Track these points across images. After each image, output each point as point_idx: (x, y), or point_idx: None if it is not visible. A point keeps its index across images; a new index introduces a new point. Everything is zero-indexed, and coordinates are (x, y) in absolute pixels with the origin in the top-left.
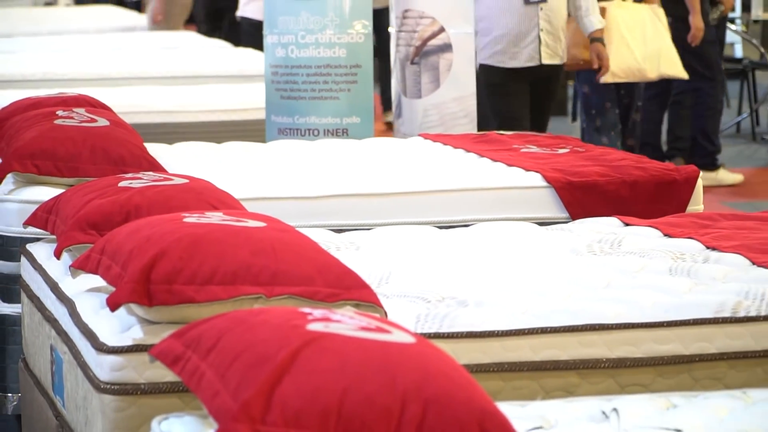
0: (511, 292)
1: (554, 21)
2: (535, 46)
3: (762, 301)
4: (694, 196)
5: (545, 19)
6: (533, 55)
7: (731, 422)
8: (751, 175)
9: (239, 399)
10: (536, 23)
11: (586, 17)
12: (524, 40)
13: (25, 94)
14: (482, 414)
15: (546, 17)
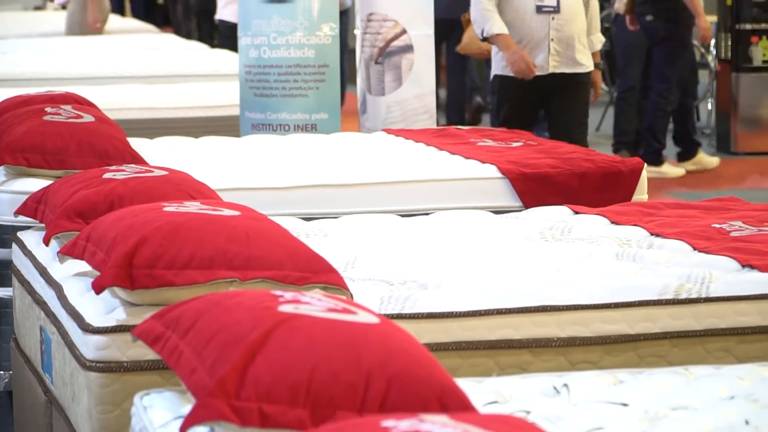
0: (468, 275)
1: (566, 30)
2: (545, 56)
3: (702, 284)
4: (639, 186)
5: (556, 29)
6: (543, 64)
7: (674, 397)
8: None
9: (215, 376)
10: (547, 33)
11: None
12: (536, 50)
13: (15, 92)
14: (442, 390)
15: (557, 26)
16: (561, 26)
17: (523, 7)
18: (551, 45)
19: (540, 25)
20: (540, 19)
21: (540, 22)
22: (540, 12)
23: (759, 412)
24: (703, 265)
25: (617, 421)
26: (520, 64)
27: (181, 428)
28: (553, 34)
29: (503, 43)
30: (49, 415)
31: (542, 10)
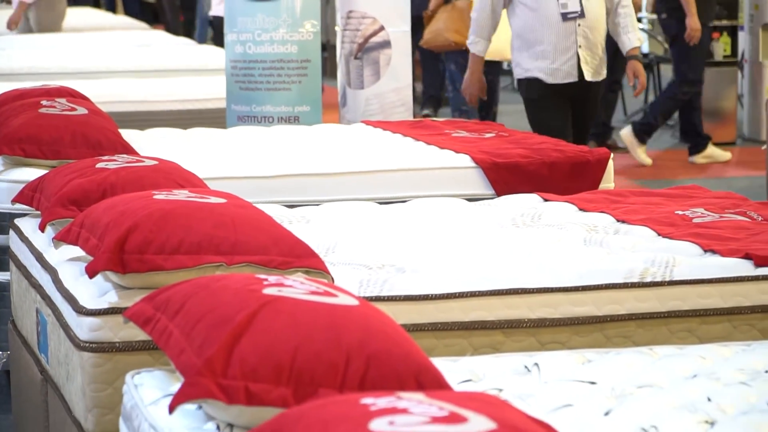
0: (443, 260)
1: (592, 37)
2: (574, 63)
3: (666, 268)
4: (605, 174)
5: (583, 35)
6: (571, 71)
7: (639, 375)
8: (657, 156)
9: (203, 356)
10: (574, 39)
11: (625, 34)
12: (563, 56)
13: (12, 86)
14: (418, 368)
15: (584, 33)
16: (587, 32)
17: (548, 14)
18: (580, 52)
19: (567, 32)
20: (566, 26)
21: (566, 29)
22: (566, 19)
23: (720, 390)
24: (666, 250)
25: (585, 398)
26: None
27: (171, 406)
28: (580, 41)
29: (473, 67)
30: (45, 393)
31: (567, 17)
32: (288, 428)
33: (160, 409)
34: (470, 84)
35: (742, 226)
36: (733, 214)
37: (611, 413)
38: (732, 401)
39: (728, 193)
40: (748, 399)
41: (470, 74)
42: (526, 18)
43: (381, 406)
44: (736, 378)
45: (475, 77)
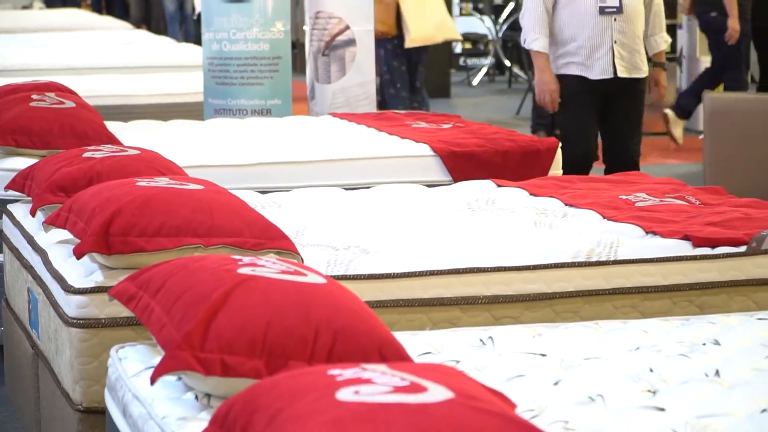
0: (404, 241)
1: (629, 33)
2: (609, 59)
3: (611, 248)
4: (554, 162)
5: (620, 31)
6: (606, 67)
7: (586, 348)
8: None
9: (182, 331)
10: (610, 35)
11: (651, 36)
12: (598, 52)
13: (4, 82)
14: (381, 342)
15: (620, 29)
16: (624, 28)
17: (584, 7)
18: (615, 48)
19: (603, 27)
20: (602, 20)
21: (603, 23)
22: (602, 13)
23: (662, 361)
24: (611, 231)
25: (536, 369)
26: (546, 97)
27: (152, 377)
28: (616, 36)
29: (539, 65)
30: (36, 366)
31: (605, 11)
32: (261, 398)
33: (142, 380)
34: (544, 83)
35: (681, 210)
36: (673, 198)
37: (560, 383)
38: (672, 372)
39: (668, 179)
40: (687, 369)
41: (541, 74)
42: (562, 13)
43: (347, 376)
44: (676, 350)
45: (547, 76)
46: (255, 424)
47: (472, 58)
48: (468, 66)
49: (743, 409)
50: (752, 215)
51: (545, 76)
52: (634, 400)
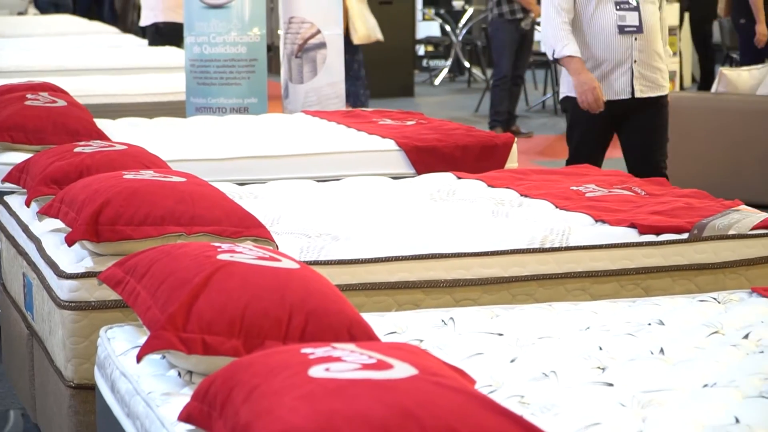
0: (372, 229)
1: (649, 50)
2: (627, 79)
3: (563, 235)
4: (510, 156)
5: (639, 50)
6: (624, 87)
7: (540, 328)
8: (554, 140)
9: (166, 313)
10: (630, 54)
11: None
12: (616, 72)
13: (0, 82)
14: (350, 322)
15: (640, 47)
16: (644, 46)
17: (604, 26)
18: (634, 67)
19: (623, 46)
20: (622, 39)
21: (622, 42)
22: (622, 33)
23: (610, 340)
24: (563, 220)
25: (494, 347)
26: (588, 96)
27: (138, 356)
28: (636, 55)
29: (574, 68)
30: (31, 345)
31: (625, 31)
32: (239, 374)
33: (129, 358)
34: (587, 90)
35: (628, 200)
36: (621, 189)
37: (516, 360)
38: (620, 350)
39: (616, 171)
40: (634, 348)
41: (578, 76)
42: (580, 32)
43: (318, 355)
44: (623, 330)
45: (584, 76)
46: (234, 398)
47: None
48: (430, 67)
49: (686, 384)
50: (694, 205)
51: (583, 76)
52: (584, 376)
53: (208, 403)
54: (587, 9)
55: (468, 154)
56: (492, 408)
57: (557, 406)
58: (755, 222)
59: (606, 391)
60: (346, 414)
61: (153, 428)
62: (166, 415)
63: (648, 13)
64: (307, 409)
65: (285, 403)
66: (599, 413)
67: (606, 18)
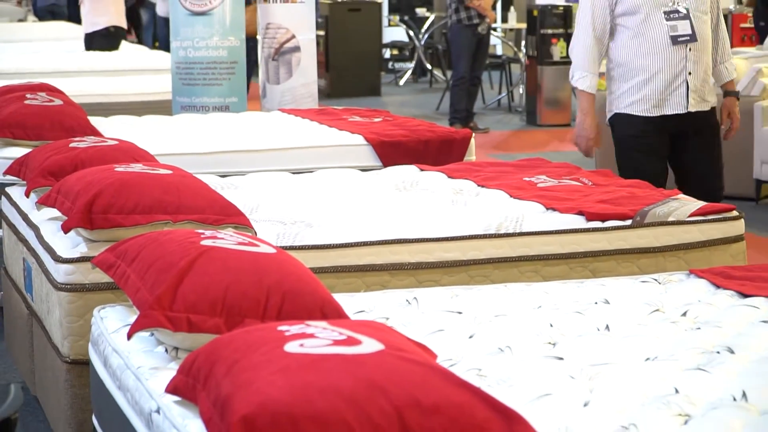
0: (342, 217)
1: (703, 62)
2: (683, 92)
3: (516, 222)
4: (468, 150)
5: (694, 61)
6: (680, 101)
7: (496, 307)
8: (509, 135)
9: (154, 294)
10: (684, 66)
11: (721, 64)
12: (671, 86)
13: (2, 83)
14: (323, 302)
15: (695, 58)
16: (698, 58)
17: (655, 38)
18: (689, 80)
19: (677, 57)
20: (676, 50)
21: (677, 54)
22: (676, 43)
23: (560, 318)
24: (517, 208)
25: (454, 324)
26: (582, 144)
27: (129, 333)
28: (690, 67)
29: (582, 106)
30: (30, 324)
31: (678, 41)
32: (221, 350)
33: (120, 336)
34: (584, 128)
35: (576, 189)
36: (569, 180)
37: (474, 336)
38: (569, 326)
39: (565, 163)
40: (582, 325)
41: (583, 117)
42: (630, 44)
43: (293, 332)
44: (572, 308)
45: (590, 119)
46: (216, 372)
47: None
48: (395, 69)
49: (630, 358)
50: (636, 194)
51: (587, 121)
52: (537, 351)
53: (193, 377)
54: (634, 20)
55: (430, 148)
56: (452, 380)
57: (512, 378)
58: (692, 210)
59: (556, 365)
60: (319, 386)
61: (142, 400)
62: (155, 387)
63: (700, 22)
64: (283, 382)
65: (263, 376)
66: (550, 385)
67: (656, 29)
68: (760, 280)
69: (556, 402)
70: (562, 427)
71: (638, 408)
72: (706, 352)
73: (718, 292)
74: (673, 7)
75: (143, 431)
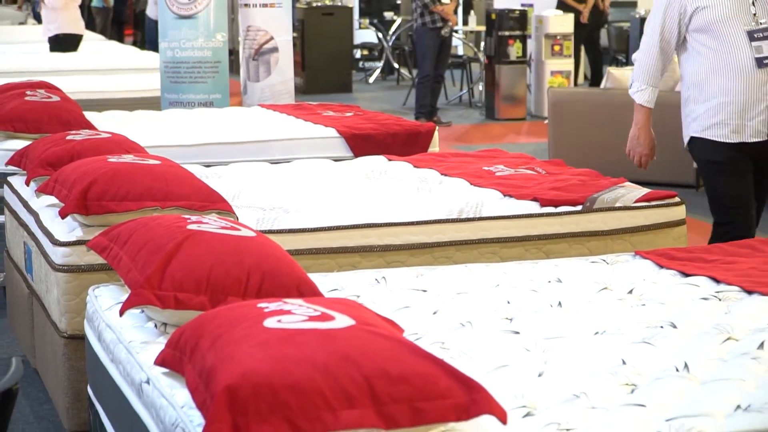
0: (316, 203)
1: None
2: (763, 119)
3: (476, 208)
4: (432, 142)
5: None
6: (760, 128)
7: (457, 285)
8: (469, 128)
9: (144, 274)
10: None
11: None
12: (752, 111)
13: (4, 81)
14: (299, 281)
15: None
16: None
17: (738, 59)
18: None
19: (760, 81)
20: (761, 74)
21: (760, 77)
22: (762, 66)
23: (517, 296)
24: (477, 195)
25: (419, 301)
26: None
27: (121, 310)
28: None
29: (638, 119)
30: (31, 303)
31: (764, 64)
32: (206, 325)
33: (113, 313)
34: (638, 143)
35: (531, 178)
36: (525, 169)
37: (438, 312)
38: (525, 303)
39: (521, 154)
40: (537, 301)
41: (638, 131)
42: (708, 64)
43: (272, 308)
44: (528, 286)
45: (644, 134)
46: (201, 346)
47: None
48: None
49: (580, 332)
50: (586, 182)
51: (642, 135)
52: (495, 326)
53: (180, 350)
54: (711, 38)
55: (397, 140)
56: (417, 352)
57: (472, 350)
58: (638, 196)
59: (513, 338)
60: (295, 358)
61: (133, 371)
62: (145, 360)
63: None
64: (262, 355)
65: (244, 349)
66: (507, 357)
67: (738, 48)
68: (700, 261)
69: (513, 372)
70: (518, 395)
71: (588, 378)
72: (651, 327)
73: (661, 272)
74: (757, 26)
75: (134, 400)
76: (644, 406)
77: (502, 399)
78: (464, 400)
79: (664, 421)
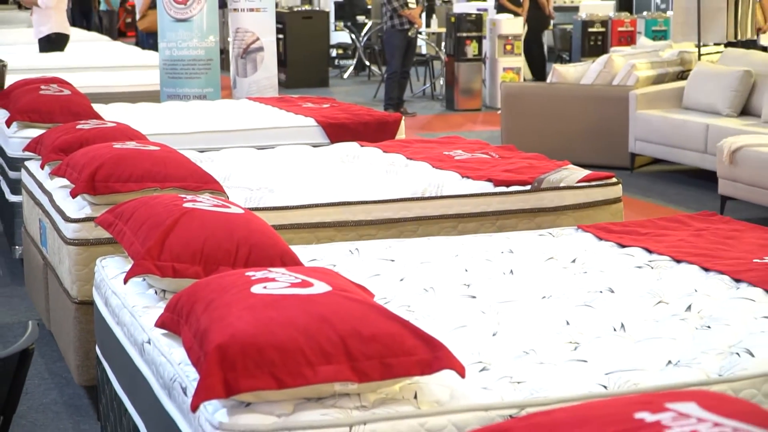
0: (297, 183)
1: None
2: None
3: (438, 188)
4: (399, 130)
5: None
6: None
7: (421, 255)
8: (431, 118)
9: (145, 246)
10: None
11: None
12: None
13: (21, 77)
14: (282, 253)
15: None
16: None
17: None
18: None
19: None
20: None
21: None
22: None
23: (473, 265)
24: (438, 176)
25: (388, 270)
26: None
27: (125, 279)
28: None
29: None
30: (46, 273)
31: None
32: (200, 292)
33: (118, 281)
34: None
35: (486, 161)
36: (481, 153)
37: (404, 280)
38: (480, 272)
39: (477, 140)
40: (491, 270)
41: None
42: None
43: (258, 276)
44: (483, 257)
45: None
46: (196, 310)
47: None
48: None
49: (529, 296)
50: (534, 165)
51: None
52: (455, 291)
53: (177, 313)
54: None
55: (368, 128)
56: (386, 315)
57: (435, 313)
58: (579, 177)
59: (470, 302)
60: (278, 320)
61: (136, 333)
62: (146, 323)
63: None
64: (250, 317)
65: (233, 312)
66: (466, 318)
67: None
68: (635, 234)
69: (470, 332)
70: (474, 352)
71: (537, 337)
72: (592, 292)
73: (600, 244)
74: None
75: (137, 358)
76: (586, 361)
77: (460, 356)
78: (428, 356)
79: (604, 375)
